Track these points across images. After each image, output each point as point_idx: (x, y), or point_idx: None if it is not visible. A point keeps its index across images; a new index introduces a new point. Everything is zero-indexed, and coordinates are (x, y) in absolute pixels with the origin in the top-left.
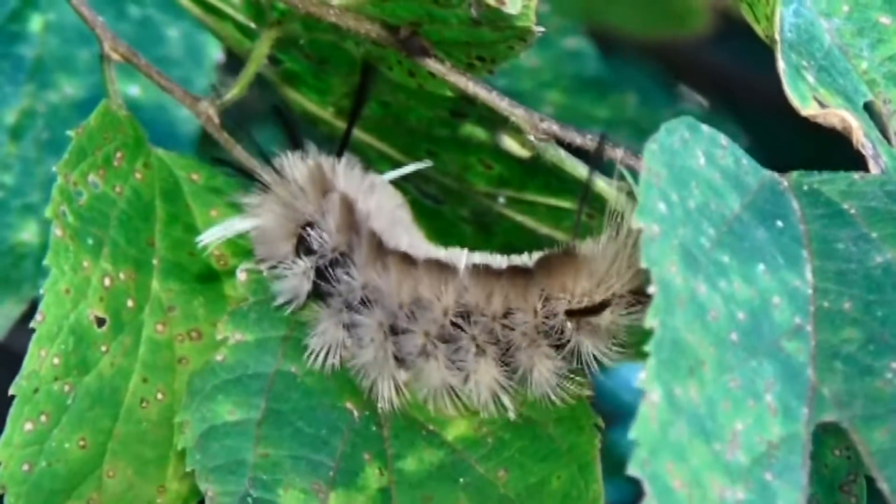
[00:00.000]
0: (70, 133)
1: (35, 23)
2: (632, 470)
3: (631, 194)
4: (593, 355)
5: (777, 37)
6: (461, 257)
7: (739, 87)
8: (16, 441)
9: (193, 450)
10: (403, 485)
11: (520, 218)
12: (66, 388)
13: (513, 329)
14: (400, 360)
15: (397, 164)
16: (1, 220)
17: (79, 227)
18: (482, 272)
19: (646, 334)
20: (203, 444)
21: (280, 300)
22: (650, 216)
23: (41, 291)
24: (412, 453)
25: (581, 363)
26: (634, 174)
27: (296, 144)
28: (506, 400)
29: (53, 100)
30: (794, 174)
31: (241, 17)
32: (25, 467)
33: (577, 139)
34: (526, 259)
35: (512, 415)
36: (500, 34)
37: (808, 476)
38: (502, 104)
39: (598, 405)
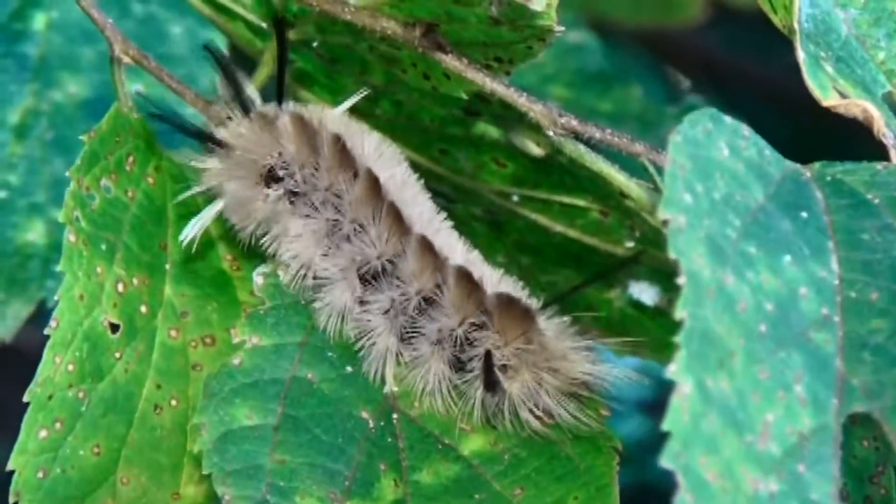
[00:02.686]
0: (82, 137)
1: (38, 21)
2: (665, 462)
3: (654, 191)
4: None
5: (796, 26)
6: (422, 222)
7: (728, 73)
8: (30, 448)
9: (211, 452)
10: (419, 497)
11: (533, 216)
12: (81, 394)
13: (430, 318)
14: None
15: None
16: (6, 220)
17: (92, 233)
18: (429, 251)
19: (671, 326)
20: (220, 447)
21: (262, 232)
22: (676, 207)
23: (55, 298)
24: (427, 466)
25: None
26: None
27: (232, 83)
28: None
29: (58, 98)
30: (817, 165)
31: (252, 18)
32: (40, 474)
33: (597, 134)
34: (491, 276)
35: (389, 388)
36: (519, 34)
37: (839, 467)
38: (520, 100)
39: None
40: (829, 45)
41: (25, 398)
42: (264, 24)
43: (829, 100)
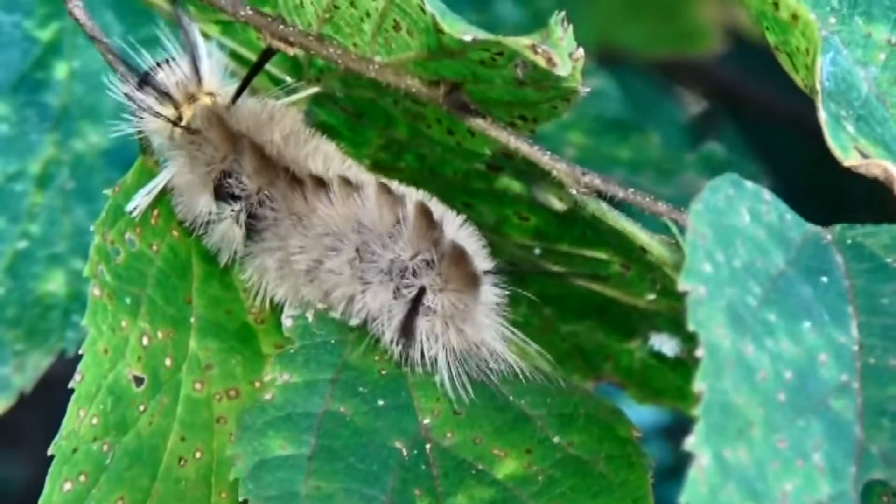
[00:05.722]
0: (107, 192)
1: (60, 70)
2: None
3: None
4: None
5: (818, 87)
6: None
7: (746, 102)
8: (55, 501)
9: (246, 480)
10: None
11: (555, 269)
12: (105, 447)
13: (387, 250)
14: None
15: None
16: (27, 270)
17: (116, 287)
18: (389, 193)
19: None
20: (256, 475)
21: (213, 249)
22: (696, 278)
23: (80, 351)
24: (462, 491)
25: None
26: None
27: (186, 37)
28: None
29: (79, 148)
30: (838, 228)
31: (277, 72)
32: None
33: (620, 193)
34: (452, 218)
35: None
36: (544, 94)
37: None
38: (544, 158)
39: None
40: (850, 103)
41: (50, 451)
42: (288, 78)
43: (849, 160)
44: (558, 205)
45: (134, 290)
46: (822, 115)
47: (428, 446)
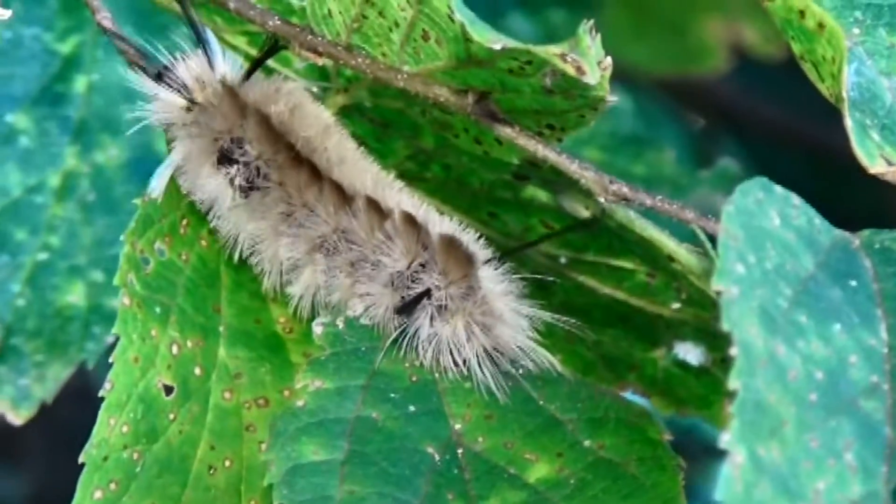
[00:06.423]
0: (136, 201)
1: (79, 83)
2: None
3: (703, 255)
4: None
5: (844, 95)
6: (367, 186)
7: (750, 120)
8: None
9: (280, 485)
10: None
11: (581, 278)
12: (135, 455)
13: (383, 265)
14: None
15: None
16: (47, 282)
17: (146, 296)
18: (376, 210)
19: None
20: (289, 480)
21: (204, 206)
22: (729, 278)
23: (110, 360)
24: (495, 494)
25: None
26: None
27: (197, 34)
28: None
29: (99, 160)
30: (866, 233)
31: (304, 83)
32: None
33: (647, 201)
34: (437, 219)
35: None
36: (571, 103)
37: None
38: (572, 167)
39: None
40: (875, 112)
41: (81, 459)
42: (314, 88)
43: (875, 167)
44: (585, 213)
45: (163, 299)
46: (849, 123)
47: (460, 451)
